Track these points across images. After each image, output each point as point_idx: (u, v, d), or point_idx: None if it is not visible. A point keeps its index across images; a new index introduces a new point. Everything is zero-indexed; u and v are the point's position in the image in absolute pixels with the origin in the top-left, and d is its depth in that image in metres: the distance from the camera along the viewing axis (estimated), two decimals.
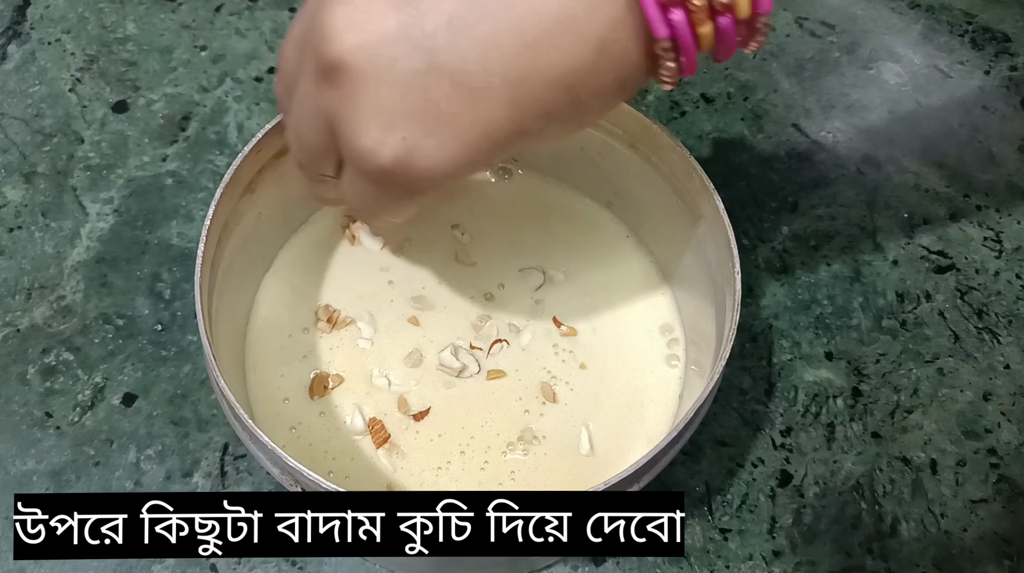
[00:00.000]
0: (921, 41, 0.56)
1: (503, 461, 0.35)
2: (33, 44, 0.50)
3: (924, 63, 0.55)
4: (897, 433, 0.41)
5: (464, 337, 0.38)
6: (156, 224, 0.45)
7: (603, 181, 0.40)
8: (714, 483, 0.40)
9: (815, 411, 0.42)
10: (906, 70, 0.54)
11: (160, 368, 0.41)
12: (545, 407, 0.36)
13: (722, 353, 0.30)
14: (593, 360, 0.38)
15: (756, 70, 0.54)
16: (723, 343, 0.30)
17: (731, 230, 0.32)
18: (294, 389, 0.36)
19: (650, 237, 0.40)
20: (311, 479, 0.26)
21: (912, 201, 0.49)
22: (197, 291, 0.29)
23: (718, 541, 0.38)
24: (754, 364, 0.43)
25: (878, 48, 0.55)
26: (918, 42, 0.56)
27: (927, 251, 0.47)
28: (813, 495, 0.40)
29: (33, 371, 0.40)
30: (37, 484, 0.38)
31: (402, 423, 0.36)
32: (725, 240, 0.32)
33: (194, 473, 0.38)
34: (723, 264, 0.33)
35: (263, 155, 0.34)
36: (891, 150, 0.51)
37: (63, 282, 0.43)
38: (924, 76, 0.54)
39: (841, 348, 0.44)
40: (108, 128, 0.48)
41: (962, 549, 0.39)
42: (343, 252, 0.39)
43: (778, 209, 0.48)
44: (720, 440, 0.41)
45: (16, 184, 0.45)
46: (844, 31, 0.56)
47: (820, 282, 0.46)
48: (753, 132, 0.51)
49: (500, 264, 0.40)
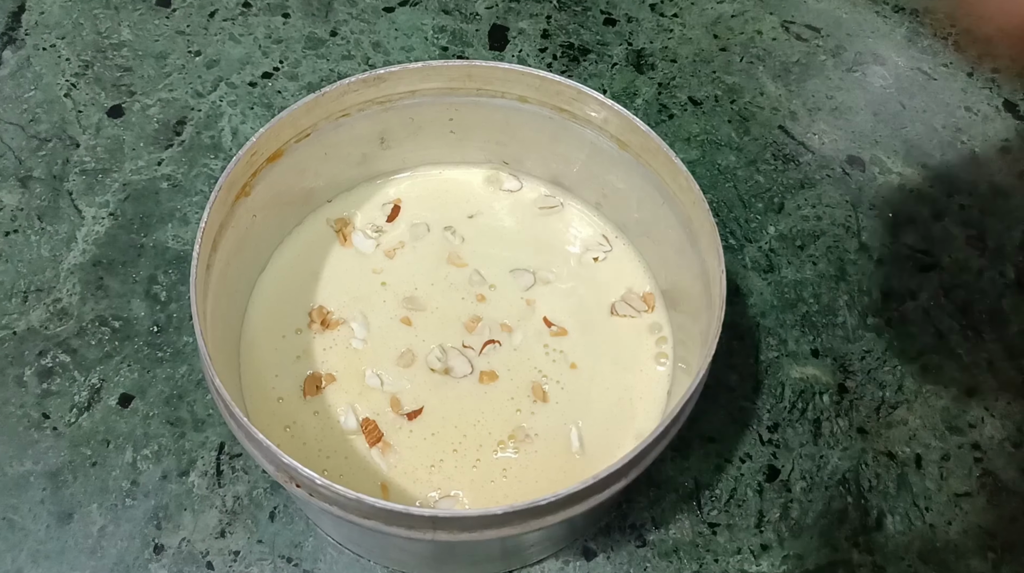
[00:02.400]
0: (906, 44, 0.57)
1: (495, 459, 0.36)
2: (28, 50, 0.51)
3: (908, 66, 0.56)
4: (882, 429, 0.42)
5: (456, 337, 0.38)
6: (152, 227, 0.45)
7: (593, 182, 0.41)
8: (703, 478, 0.40)
9: (801, 407, 0.43)
10: (891, 73, 0.55)
11: (156, 369, 0.41)
12: (536, 406, 0.37)
13: (708, 349, 0.30)
14: (583, 360, 0.38)
15: (743, 73, 0.54)
16: (709, 341, 0.31)
17: (716, 231, 0.33)
18: (288, 389, 0.37)
19: (639, 237, 0.41)
20: (306, 476, 0.27)
21: (896, 201, 0.50)
22: (192, 293, 0.30)
23: (707, 535, 0.39)
24: (741, 361, 0.44)
25: (863, 51, 0.56)
26: (903, 45, 0.57)
27: (911, 250, 0.48)
28: (800, 490, 0.40)
29: (30, 373, 0.41)
30: (34, 485, 0.38)
31: (395, 422, 0.36)
32: (711, 241, 0.33)
33: (190, 472, 0.39)
34: (710, 263, 0.33)
35: (257, 158, 0.34)
36: (875, 151, 0.52)
37: (59, 285, 0.43)
38: (908, 78, 0.55)
39: (827, 345, 0.44)
40: (104, 133, 0.48)
41: (947, 542, 0.39)
42: (336, 254, 0.40)
43: (765, 210, 0.49)
44: (708, 436, 0.41)
45: (12, 188, 0.46)
46: (830, 35, 0.57)
47: (806, 281, 0.46)
48: (740, 134, 0.52)
49: (492, 265, 0.40)
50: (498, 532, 0.28)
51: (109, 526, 0.37)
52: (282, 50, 0.52)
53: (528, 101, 0.38)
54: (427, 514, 0.26)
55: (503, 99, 0.38)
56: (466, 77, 0.37)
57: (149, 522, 0.38)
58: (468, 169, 0.43)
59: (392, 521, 0.27)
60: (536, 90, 0.37)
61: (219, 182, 0.32)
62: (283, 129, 0.35)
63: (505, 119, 0.39)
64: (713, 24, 0.57)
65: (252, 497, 0.38)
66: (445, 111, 0.39)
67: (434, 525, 0.27)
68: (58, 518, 0.38)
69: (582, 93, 0.36)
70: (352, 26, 0.54)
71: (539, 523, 0.28)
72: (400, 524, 0.27)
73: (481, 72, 0.37)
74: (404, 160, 0.42)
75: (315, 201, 0.41)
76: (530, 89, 0.37)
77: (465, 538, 0.28)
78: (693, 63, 0.55)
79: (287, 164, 0.37)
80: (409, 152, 0.41)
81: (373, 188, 0.42)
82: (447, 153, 0.42)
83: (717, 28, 0.57)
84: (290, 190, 0.38)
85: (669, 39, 0.56)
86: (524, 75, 0.36)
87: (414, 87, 0.37)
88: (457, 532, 0.27)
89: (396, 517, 0.27)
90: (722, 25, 0.57)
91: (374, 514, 0.27)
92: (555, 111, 0.38)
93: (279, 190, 0.37)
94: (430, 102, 0.38)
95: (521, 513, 0.27)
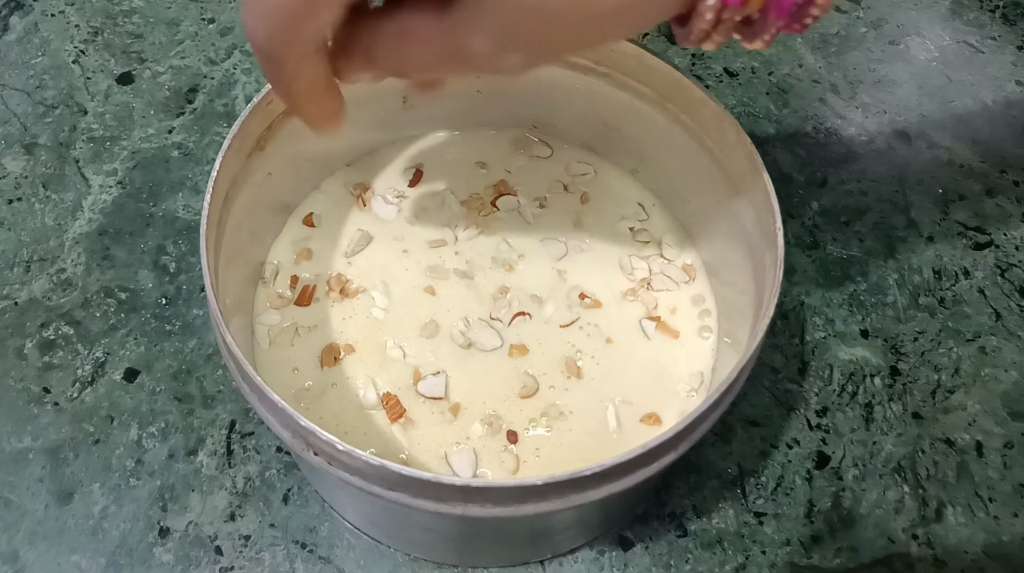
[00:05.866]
0: (950, 16, 0.54)
1: (526, 437, 0.33)
2: (36, 16, 0.49)
3: (954, 38, 0.53)
4: (939, 414, 0.39)
5: (483, 309, 0.36)
6: (161, 196, 0.43)
7: (629, 147, 0.38)
8: (747, 465, 0.38)
9: (851, 390, 0.40)
10: (935, 45, 0.53)
11: (164, 343, 0.39)
12: (570, 382, 0.34)
13: (765, 311, 0.27)
14: (619, 334, 0.36)
15: (779, 44, 0.52)
16: (765, 304, 0.28)
17: (771, 186, 0.30)
18: (304, 360, 0.34)
19: (678, 204, 0.38)
20: (325, 440, 0.24)
21: (945, 177, 0.47)
22: (203, 242, 0.27)
23: (753, 525, 0.36)
24: (786, 342, 0.41)
25: (905, 24, 0.53)
26: (946, 18, 0.54)
27: (963, 227, 0.45)
28: (852, 478, 0.37)
29: (31, 345, 0.38)
30: (33, 462, 0.36)
31: (418, 397, 0.34)
32: (764, 197, 0.30)
33: (199, 451, 0.36)
34: (762, 223, 0.31)
35: (273, 109, 0.32)
36: (921, 125, 0.49)
37: (64, 255, 0.41)
38: (954, 51, 0.52)
39: (877, 326, 0.42)
40: (112, 100, 0.46)
41: (1013, 536, 0.36)
42: (355, 219, 0.38)
43: (807, 184, 0.46)
44: (752, 420, 0.39)
45: (16, 155, 0.44)
46: (870, 7, 0.54)
47: (853, 258, 0.44)
48: (779, 107, 0.49)
49: (520, 234, 0.38)
50: (535, 507, 0.25)
51: (111, 507, 0.35)
52: None
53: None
54: (458, 483, 0.24)
55: None
56: None
57: (154, 503, 0.35)
58: (494, 132, 0.40)
59: (419, 492, 0.25)
60: None
61: (232, 129, 0.30)
62: None
63: (535, 78, 0.37)
64: None
65: (264, 478, 0.36)
66: None
67: (465, 497, 0.24)
68: (57, 497, 0.35)
69: (618, 46, 0.33)
70: None
71: (580, 498, 0.25)
72: (428, 496, 0.25)
73: None
74: (427, 122, 0.39)
75: (333, 164, 0.38)
76: None
77: (498, 513, 0.25)
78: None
79: None
80: (433, 113, 0.39)
81: (394, 151, 0.39)
82: (472, 115, 0.39)
83: None
84: (307, 150, 0.36)
85: None
86: None
87: None
88: (490, 506, 0.25)
89: (424, 487, 0.24)
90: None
91: (400, 484, 0.24)
92: (588, 71, 0.35)
93: (295, 149, 0.35)
94: None
95: (561, 485, 0.24)
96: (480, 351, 0.35)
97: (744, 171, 0.32)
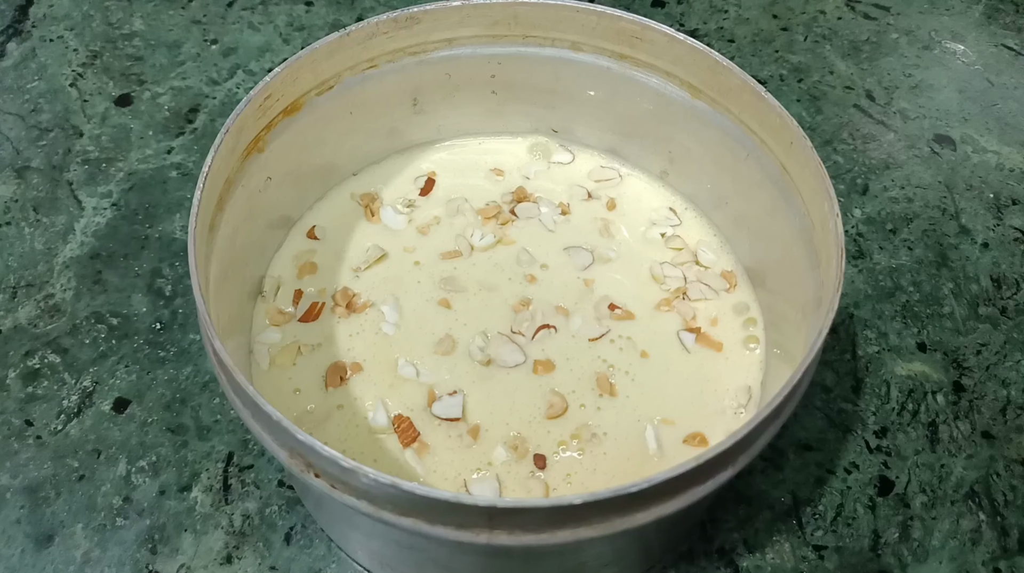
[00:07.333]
0: (985, 21, 0.52)
1: (555, 462, 0.29)
2: (34, 41, 0.47)
3: (991, 42, 0.50)
4: (1012, 433, 0.35)
5: (503, 323, 0.32)
6: (158, 218, 0.40)
7: (657, 147, 0.35)
8: (802, 493, 0.34)
9: (912, 409, 0.36)
10: (972, 49, 0.50)
11: (157, 370, 0.35)
12: (603, 401, 0.31)
13: (829, 306, 0.24)
14: (655, 347, 0.32)
15: (808, 52, 0.49)
16: (828, 305, 0.25)
17: (824, 171, 0.27)
18: (307, 380, 0.31)
19: (713, 209, 0.35)
20: (327, 457, 0.21)
21: (996, 181, 0.44)
22: (191, 243, 0.25)
23: (812, 561, 0.32)
24: (836, 358, 0.37)
25: (939, 29, 0.51)
26: (981, 23, 0.52)
27: (1021, 233, 0.42)
28: (921, 505, 0.33)
29: (13, 375, 0.35)
30: (10, 502, 0.32)
31: (433, 420, 0.30)
32: (819, 183, 0.27)
33: (192, 487, 0.33)
34: (815, 213, 0.28)
35: (271, 103, 0.29)
36: (966, 129, 0.46)
37: (52, 280, 0.38)
38: (993, 55, 0.50)
39: (935, 338, 0.38)
40: (109, 122, 0.44)
41: None
42: (363, 231, 0.35)
43: (847, 191, 0.43)
44: (804, 444, 0.35)
45: (7, 179, 0.41)
46: (900, 13, 0.52)
47: (903, 268, 0.40)
48: (812, 114, 0.46)
49: (542, 243, 0.35)
50: (573, 533, 0.21)
51: (95, 550, 0.31)
52: (304, 37, 0.48)
53: (582, 49, 0.33)
54: (482, 504, 0.20)
55: (552, 47, 0.33)
56: (511, 19, 0.32)
57: (142, 545, 0.31)
58: (511, 139, 0.37)
59: (437, 517, 0.21)
60: (592, 32, 0.32)
61: (226, 124, 0.27)
62: (301, 72, 0.30)
63: (555, 74, 0.34)
64: (771, 5, 0.52)
65: (264, 516, 0.32)
66: (486, 66, 0.34)
67: (491, 522, 0.21)
68: (36, 541, 0.32)
69: (648, 28, 0.31)
70: (379, 13, 0.50)
71: (625, 522, 0.22)
72: (447, 521, 0.21)
73: (529, 12, 0.32)
74: (439, 128, 0.37)
75: (339, 174, 0.36)
76: (585, 31, 0.32)
77: (529, 542, 0.21)
78: (752, 43, 0.50)
79: (307, 121, 0.32)
80: (445, 117, 0.36)
81: (404, 161, 0.37)
82: (488, 120, 0.37)
83: (775, 8, 0.52)
84: (310, 157, 0.33)
85: (724, 20, 0.51)
86: (579, 12, 0.32)
87: (451, 34, 0.33)
88: (520, 533, 0.21)
89: (442, 511, 0.21)
90: (780, 5, 0.52)
91: (414, 508, 0.21)
92: (614, 58, 0.33)
93: (298, 154, 0.32)
94: (469, 54, 0.34)
95: (602, 506, 0.21)
96: (501, 368, 0.31)
97: (791, 157, 0.29)
